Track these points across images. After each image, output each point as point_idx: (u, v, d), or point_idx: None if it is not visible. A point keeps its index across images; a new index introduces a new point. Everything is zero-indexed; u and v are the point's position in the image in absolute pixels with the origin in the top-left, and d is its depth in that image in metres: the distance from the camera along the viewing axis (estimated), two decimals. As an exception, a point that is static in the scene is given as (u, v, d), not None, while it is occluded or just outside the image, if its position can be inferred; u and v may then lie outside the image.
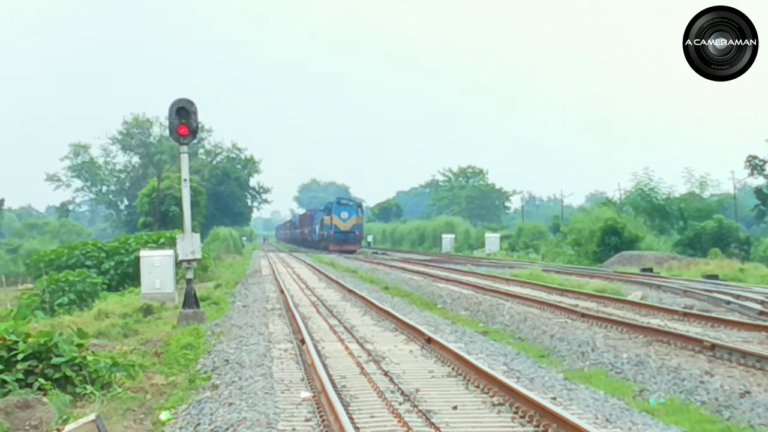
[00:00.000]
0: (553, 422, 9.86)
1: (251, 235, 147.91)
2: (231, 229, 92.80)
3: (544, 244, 72.52)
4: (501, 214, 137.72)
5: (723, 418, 11.43)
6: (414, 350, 16.61)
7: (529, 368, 14.82)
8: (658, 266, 44.50)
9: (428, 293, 30.55)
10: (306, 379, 13.55)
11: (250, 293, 31.75)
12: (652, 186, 66.86)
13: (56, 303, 29.00)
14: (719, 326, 18.92)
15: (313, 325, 20.62)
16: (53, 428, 10.62)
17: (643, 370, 14.41)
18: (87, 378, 13.23)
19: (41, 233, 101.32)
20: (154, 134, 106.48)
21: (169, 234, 41.59)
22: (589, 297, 26.24)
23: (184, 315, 23.06)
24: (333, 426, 10.12)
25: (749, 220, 77.52)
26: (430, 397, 11.99)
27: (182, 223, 24.32)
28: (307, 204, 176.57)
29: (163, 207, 70.05)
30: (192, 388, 13.50)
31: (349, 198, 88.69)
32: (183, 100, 23.09)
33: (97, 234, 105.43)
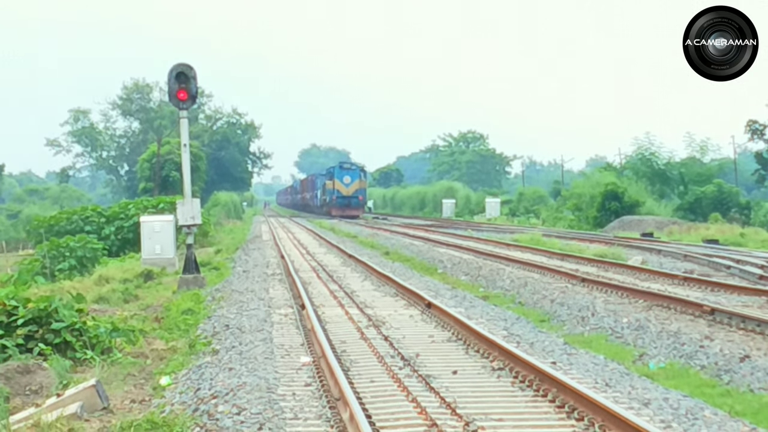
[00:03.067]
0: (552, 387, 9.85)
1: (252, 200, 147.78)
2: (232, 194, 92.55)
3: (544, 209, 72.34)
4: (501, 179, 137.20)
5: (723, 383, 11.45)
6: (414, 315, 16.61)
7: (529, 333, 14.81)
8: (659, 231, 44.38)
9: (429, 258, 30.53)
10: (306, 344, 13.51)
11: (251, 258, 31.72)
12: (652, 151, 66.36)
13: (57, 268, 29.04)
14: (719, 291, 18.91)
15: (313, 291, 20.60)
16: (53, 393, 10.54)
17: (643, 335, 14.42)
18: (87, 343, 13.23)
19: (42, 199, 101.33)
20: (154, 99, 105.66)
21: (169, 199, 41.57)
22: (590, 262, 26.23)
23: (184, 280, 23.06)
24: (333, 391, 10.09)
25: (749, 185, 77.25)
26: (430, 361, 11.97)
27: (182, 188, 24.23)
28: (308, 169, 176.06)
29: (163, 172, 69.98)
30: (192, 353, 13.47)
31: (351, 162, 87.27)
32: (182, 64, 22.90)
33: (98, 199, 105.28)
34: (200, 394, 10.37)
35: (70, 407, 9.71)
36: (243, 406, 9.57)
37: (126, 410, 10.33)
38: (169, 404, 10.20)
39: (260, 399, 9.87)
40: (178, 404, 10.13)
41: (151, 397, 10.98)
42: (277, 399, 9.95)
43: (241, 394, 10.10)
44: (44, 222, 39.82)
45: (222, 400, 9.94)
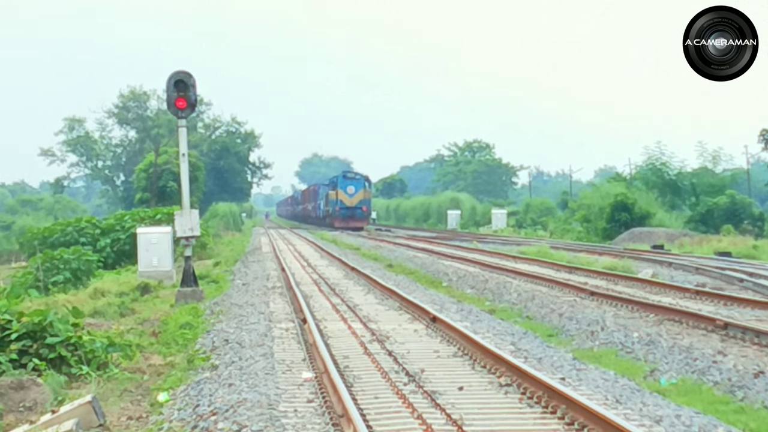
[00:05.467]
0: (561, 403, 9.62)
1: (251, 211, 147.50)
2: (231, 205, 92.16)
3: (552, 220, 72.01)
4: (508, 190, 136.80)
5: (736, 399, 11.23)
6: (419, 329, 16.35)
7: (537, 348, 14.56)
8: (670, 243, 44.01)
9: (433, 271, 30.28)
10: (308, 359, 13.28)
11: (250, 271, 31.51)
12: (663, 160, 65.58)
13: (51, 281, 28.79)
14: (732, 304, 18.59)
15: (315, 304, 20.35)
16: (48, 410, 10.50)
17: (654, 350, 14.18)
18: (83, 358, 13.12)
19: (35, 209, 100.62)
20: (151, 108, 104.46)
21: (167, 210, 41.44)
22: (599, 275, 25.90)
23: (182, 293, 22.87)
24: (336, 407, 9.88)
25: (763, 196, 76.79)
26: (436, 377, 11.72)
27: (180, 199, 24.08)
28: (309, 179, 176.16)
29: (160, 182, 69.59)
30: (191, 369, 13.31)
31: (355, 172, 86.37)
32: (181, 72, 22.76)
33: (93, 210, 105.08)
34: (199, 411, 10.22)
35: (66, 424, 9.64)
36: (243, 423, 9.38)
37: (123, 427, 10.25)
38: (168, 421, 10.08)
39: (261, 416, 9.66)
40: (177, 421, 10.00)
41: (149, 413, 10.85)
42: (279, 416, 9.74)
43: (242, 410, 9.93)
44: (38, 233, 39.62)
45: (222, 416, 9.77)
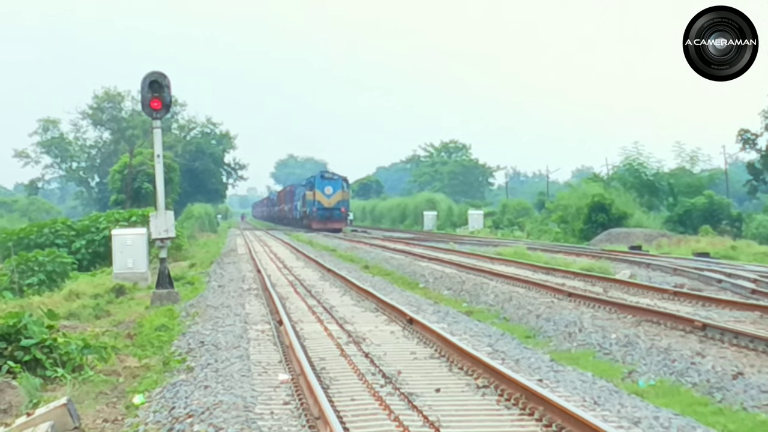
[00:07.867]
0: (539, 405, 9.58)
1: (227, 212, 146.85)
2: (206, 206, 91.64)
3: (529, 221, 71.91)
4: (485, 191, 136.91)
5: (715, 401, 11.17)
6: (395, 331, 16.28)
7: (514, 349, 14.52)
8: (648, 244, 44.02)
9: (410, 272, 30.21)
10: (284, 361, 13.21)
11: (226, 273, 31.37)
12: (641, 161, 65.59)
13: (25, 283, 28.48)
14: (711, 305, 18.59)
15: (291, 306, 20.26)
16: (23, 412, 10.37)
17: (632, 351, 14.14)
18: (58, 360, 12.98)
19: (9, 211, 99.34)
20: (125, 109, 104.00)
21: (142, 212, 41.06)
22: (576, 276, 25.88)
23: (157, 295, 22.73)
24: (312, 409, 9.81)
25: (741, 196, 76.66)
26: (413, 379, 11.67)
27: (155, 200, 23.94)
28: (284, 180, 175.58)
29: (135, 184, 68.99)
30: (166, 371, 13.20)
31: (333, 172, 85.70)
32: (156, 73, 22.65)
33: (68, 212, 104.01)
34: (175, 413, 10.15)
35: (41, 427, 9.55)
36: (219, 425, 9.31)
37: (98, 430, 10.18)
38: (143, 424, 10.01)
39: (237, 418, 9.60)
40: (152, 423, 9.93)
41: (124, 416, 10.75)
42: (255, 418, 9.70)
43: (218, 413, 9.86)
44: (12, 235, 39.15)
45: (198, 419, 9.71)
